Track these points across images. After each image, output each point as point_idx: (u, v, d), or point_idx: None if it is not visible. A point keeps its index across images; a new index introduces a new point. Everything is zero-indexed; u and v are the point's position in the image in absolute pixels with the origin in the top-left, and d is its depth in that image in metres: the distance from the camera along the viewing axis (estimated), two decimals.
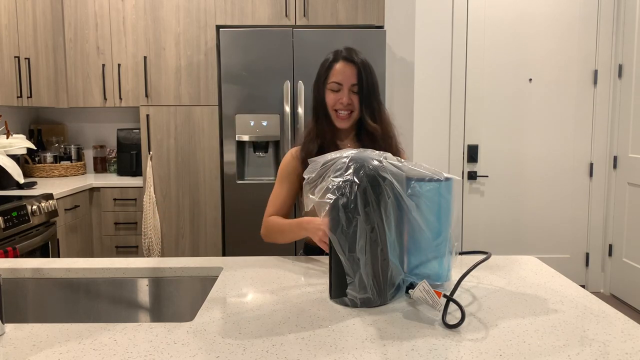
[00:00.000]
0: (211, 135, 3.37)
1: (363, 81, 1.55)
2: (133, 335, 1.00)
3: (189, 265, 1.46)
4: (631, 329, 1.03)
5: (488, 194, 3.88)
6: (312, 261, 1.51)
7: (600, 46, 3.76)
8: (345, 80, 1.55)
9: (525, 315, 1.09)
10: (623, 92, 3.69)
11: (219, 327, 1.04)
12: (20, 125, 3.75)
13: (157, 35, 3.32)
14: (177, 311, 1.46)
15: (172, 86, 3.35)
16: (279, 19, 3.31)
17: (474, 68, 3.77)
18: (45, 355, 0.93)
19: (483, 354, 0.92)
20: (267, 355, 0.92)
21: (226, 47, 3.21)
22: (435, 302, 1.08)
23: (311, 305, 1.16)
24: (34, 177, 3.59)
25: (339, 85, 1.57)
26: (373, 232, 1.12)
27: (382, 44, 3.22)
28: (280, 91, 3.23)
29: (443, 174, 1.21)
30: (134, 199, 3.43)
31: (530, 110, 3.82)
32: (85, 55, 3.61)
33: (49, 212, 2.80)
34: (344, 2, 3.31)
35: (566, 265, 3.92)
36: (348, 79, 1.55)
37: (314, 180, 1.17)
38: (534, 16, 3.75)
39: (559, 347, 0.95)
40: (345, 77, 1.55)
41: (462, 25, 3.74)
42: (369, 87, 1.56)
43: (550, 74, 3.79)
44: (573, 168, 3.87)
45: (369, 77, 1.57)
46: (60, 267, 1.46)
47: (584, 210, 3.90)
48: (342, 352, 0.92)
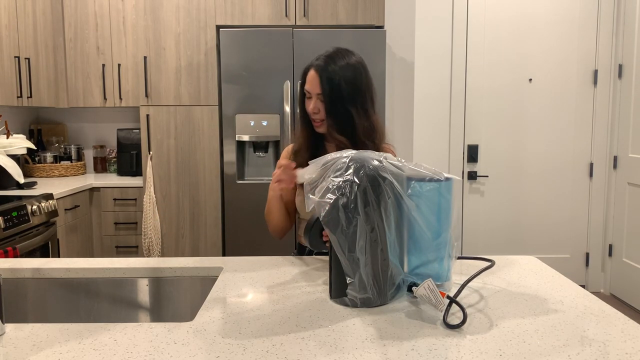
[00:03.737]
0: (211, 135, 3.37)
1: (326, 91, 1.52)
2: (133, 335, 1.00)
3: (189, 265, 1.46)
4: (631, 329, 1.03)
5: (488, 194, 3.88)
6: (312, 261, 1.51)
7: (600, 46, 3.76)
8: (312, 89, 1.55)
9: (525, 315, 1.09)
10: (623, 92, 3.69)
11: (219, 327, 1.04)
12: (20, 125, 3.75)
13: (157, 35, 3.32)
14: (177, 311, 1.46)
15: (172, 86, 3.35)
16: (279, 19, 3.31)
17: (474, 68, 3.77)
18: (45, 355, 0.93)
19: (483, 354, 0.92)
20: (267, 355, 0.92)
21: (226, 47, 3.21)
22: (439, 301, 1.08)
23: (311, 305, 1.16)
24: (34, 177, 3.59)
25: (309, 93, 1.57)
26: (373, 232, 1.12)
27: (382, 44, 3.22)
28: (280, 91, 3.23)
29: (443, 174, 1.21)
30: (134, 199, 3.43)
31: (530, 110, 3.82)
32: (85, 55, 3.60)
33: (49, 212, 2.80)
34: (344, 2, 3.31)
35: (566, 265, 3.92)
36: (314, 88, 1.54)
37: (314, 180, 1.17)
38: (534, 16, 3.75)
39: (559, 347, 0.95)
40: (313, 86, 1.54)
41: (462, 25, 3.74)
42: (335, 96, 1.52)
43: (550, 74, 3.79)
44: (573, 168, 3.87)
45: (335, 87, 1.51)
46: (60, 267, 1.46)
47: (584, 210, 3.90)
48: (342, 352, 0.92)
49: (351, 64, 1.54)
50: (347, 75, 1.52)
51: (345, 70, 1.53)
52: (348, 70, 1.53)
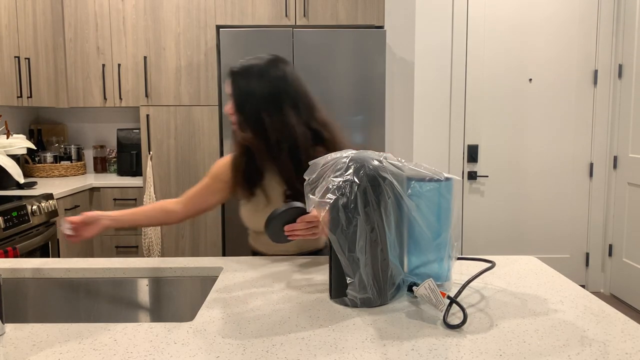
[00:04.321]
0: (211, 135, 3.37)
1: (233, 92, 1.54)
2: (133, 335, 1.00)
3: (189, 265, 1.46)
4: (631, 329, 1.03)
5: (488, 194, 3.88)
6: (312, 261, 1.51)
7: (600, 46, 3.76)
8: (227, 90, 1.58)
9: (525, 315, 1.09)
10: (623, 92, 3.69)
11: (219, 327, 1.04)
12: (20, 125, 3.75)
13: (157, 35, 3.32)
14: (177, 311, 1.46)
15: (172, 86, 3.35)
16: (279, 19, 3.31)
17: (474, 68, 3.77)
18: (45, 355, 0.93)
19: (483, 354, 0.92)
20: (267, 355, 0.92)
21: (226, 47, 3.21)
22: (439, 301, 1.08)
23: (311, 305, 1.16)
24: (34, 177, 3.59)
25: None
26: (373, 232, 1.12)
27: (382, 44, 3.22)
28: None
29: (443, 174, 1.21)
30: (134, 199, 3.43)
31: (530, 110, 3.82)
32: (85, 55, 3.61)
33: (49, 212, 2.80)
34: (344, 2, 3.31)
35: (566, 265, 3.92)
36: (227, 89, 1.57)
37: (314, 180, 1.17)
38: (534, 16, 3.75)
39: (559, 347, 0.95)
40: (227, 87, 1.57)
41: (462, 25, 3.74)
42: (239, 96, 1.53)
43: (550, 74, 3.79)
44: (573, 168, 3.87)
45: (237, 89, 1.52)
46: (60, 267, 1.46)
47: (584, 210, 3.90)
48: (342, 352, 0.93)
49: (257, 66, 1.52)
50: (251, 78, 1.52)
51: (248, 72, 1.52)
52: (251, 73, 1.52)
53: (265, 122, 1.50)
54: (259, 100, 1.51)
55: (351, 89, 3.25)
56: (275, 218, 1.31)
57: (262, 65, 1.53)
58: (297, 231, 1.34)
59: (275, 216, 1.31)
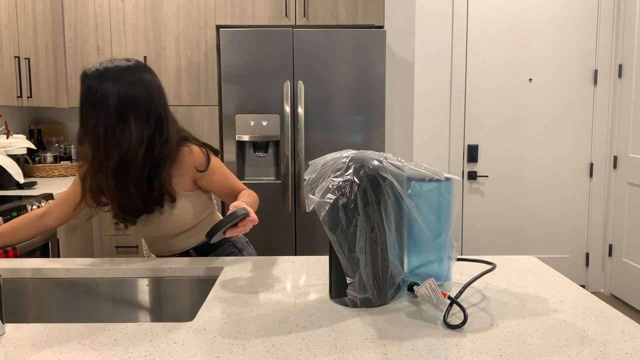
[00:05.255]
0: (211, 135, 3.37)
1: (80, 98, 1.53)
2: (133, 335, 1.00)
3: (189, 266, 1.46)
4: (631, 329, 1.03)
5: (488, 194, 3.88)
6: (312, 261, 1.51)
7: (600, 46, 3.76)
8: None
9: (525, 315, 1.09)
10: (623, 92, 3.69)
11: (219, 327, 1.04)
12: (20, 125, 3.75)
13: (157, 35, 3.32)
14: (177, 311, 1.46)
15: (172, 86, 3.35)
16: (279, 19, 3.31)
17: (474, 68, 3.77)
18: (45, 355, 0.93)
19: (483, 354, 0.92)
20: (267, 355, 0.92)
21: (226, 47, 3.21)
22: (440, 301, 1.08)
23: (311, 305, 1.16)
24: (34, 177, 3.59)
25: None
26: (373, 232, 1.12)
27: (382, 44, 3.22)
28: (280, 91, 3.23)
29: (443, 174, 1.21)
30: None
31: (530, 110, 3.82)
32: (85, 55, 3.60)
33: None
34: (344, 2, 3.31)
35: (566, 265, 3.92)
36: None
37: (314, 180, 1.17)
38: (534, 16, 3.75)
39: (559, 347, 0.95)
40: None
41: (462, 25, 3.74)
42: (82, 104, 1.54)
43: (550, 74, 3.79)
44: (573, 168, 3.87)
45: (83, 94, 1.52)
46: (60, 267, 1.46)
47: (584, 210, 3.90)
48: (342, 352, 0.92)
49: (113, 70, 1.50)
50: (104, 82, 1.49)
51: (91, 78, 1.50)
52: (94, 78, 1.50)
53: (102, 137, 1.50)
54: (106, 109, 1.48)
55: (351, 89, 3.25)
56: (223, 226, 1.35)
57: (118, 70, 1.49)
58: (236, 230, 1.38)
59: (222, 225, 1.34)
